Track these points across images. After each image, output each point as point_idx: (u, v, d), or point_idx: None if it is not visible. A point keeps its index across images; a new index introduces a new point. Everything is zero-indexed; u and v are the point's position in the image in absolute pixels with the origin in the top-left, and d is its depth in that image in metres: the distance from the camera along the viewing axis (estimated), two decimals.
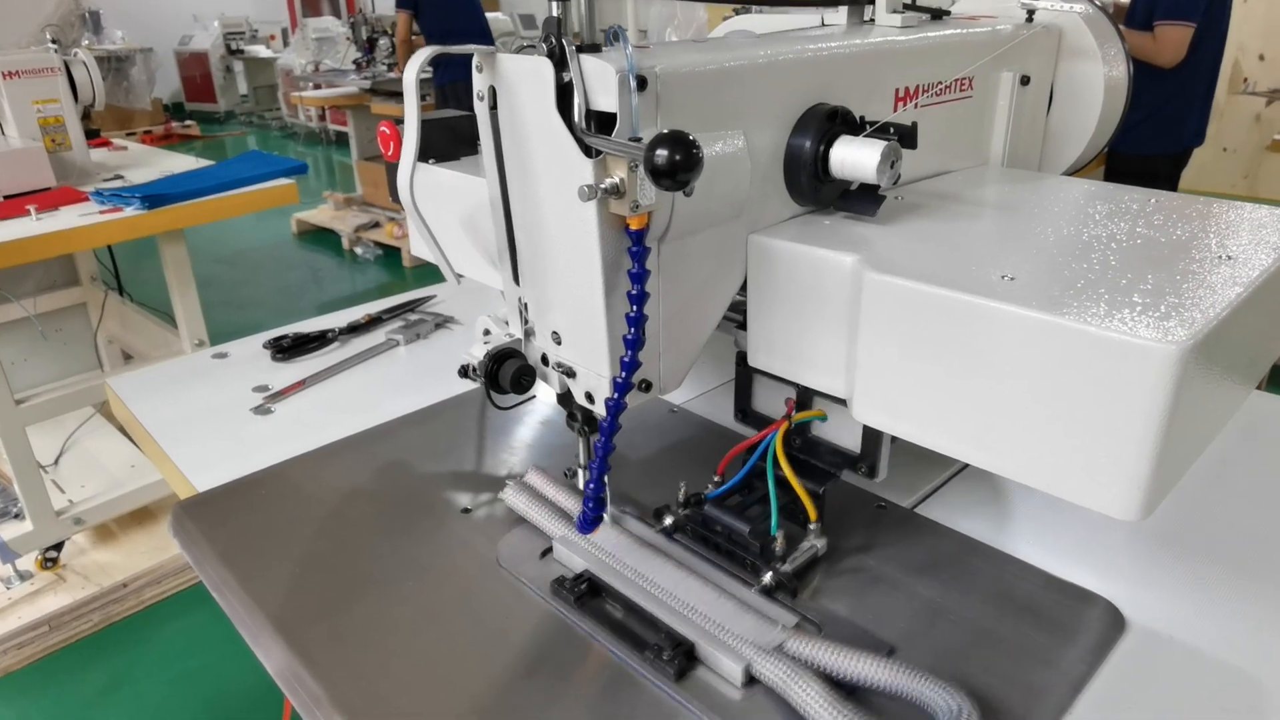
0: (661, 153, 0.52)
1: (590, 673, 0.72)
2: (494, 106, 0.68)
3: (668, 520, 0.85)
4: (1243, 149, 4.32)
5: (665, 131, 0.53)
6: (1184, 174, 3.00)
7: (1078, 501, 0.59)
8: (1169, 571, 0.81)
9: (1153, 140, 2.79)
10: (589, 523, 0.70)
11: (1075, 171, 1.12)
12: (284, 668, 0.74)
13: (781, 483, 0.81)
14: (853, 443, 0.85)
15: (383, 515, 0.92)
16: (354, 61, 5.91)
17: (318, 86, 6.23)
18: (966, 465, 0.98)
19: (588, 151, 0.61)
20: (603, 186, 0.59)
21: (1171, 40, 2.60)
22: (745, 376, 0.92)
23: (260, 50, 9.82)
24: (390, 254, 5.17)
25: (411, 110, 0.68)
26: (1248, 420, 1.04)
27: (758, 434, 0.84)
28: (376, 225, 5.30)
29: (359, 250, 5.22)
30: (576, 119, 0.61)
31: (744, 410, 0.95)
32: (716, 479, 0.86)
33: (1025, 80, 0.97)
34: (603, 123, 0.62)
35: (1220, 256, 0.67)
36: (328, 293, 4.76)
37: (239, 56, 9.85)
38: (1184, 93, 2.78)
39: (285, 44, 9.62)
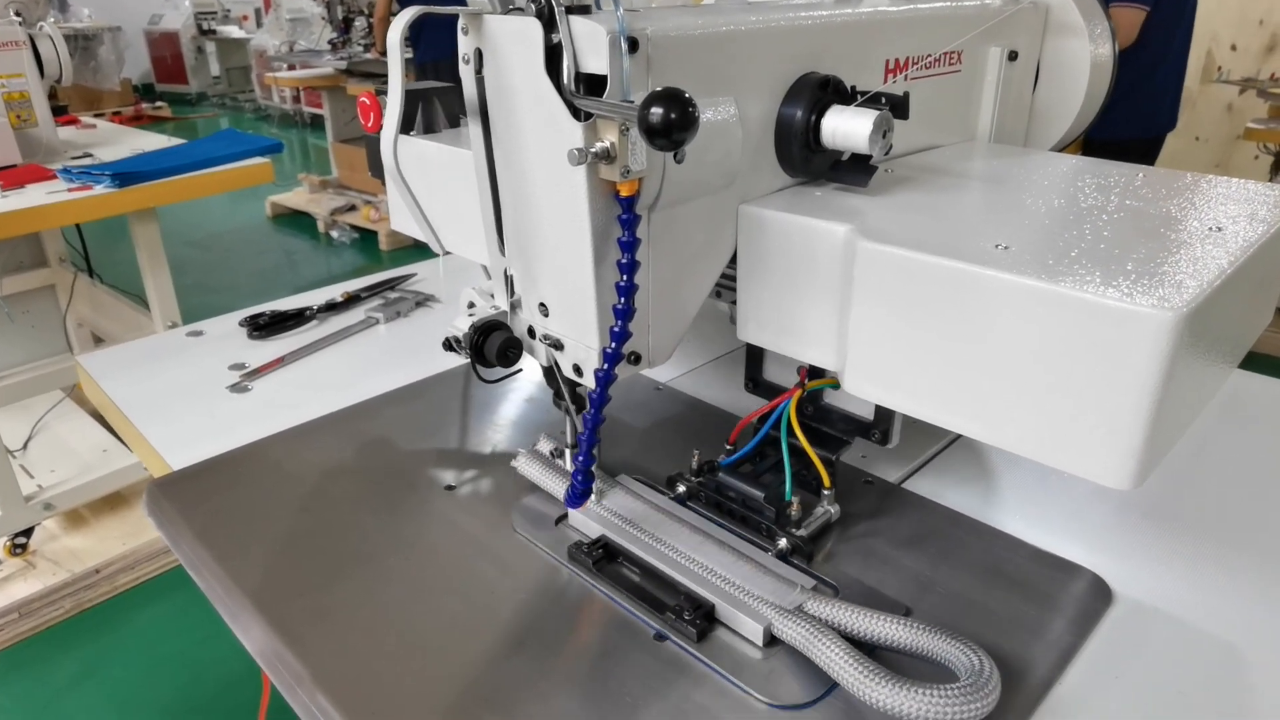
0: (657, 110, 0.51)
1: (599, 638, 0.72)
2: (479, 70, 0.67)
3: (681, 488, 0.86)
4: (1214, 138, 4.37)
5: (660, 89, 0.52)
6: (1156, 162, 3.03)
7: (1071, 471, 0.59)
8: (1154, 545, 0.82)
9: (1127, 124, 2.81)
10: (578, 496, 0.69)
11: (1058, 151, 1.12)
12: (264, 647, 0.72)
13: (794, 450, 0.82)
14: (865, 410, 0.86)
15: (365, 492, 0.90)
16: (329, 42, 5.82)
17: (292, 67, 6.13)
18: (953, 441, 0.98)
19: (577, 115, 0.60)
20: (593, 151, 0.58)
21: (1124, 22, 2.62)
22: (757, 345, 0.92)
23: (233, 30, 9.64)
24: (366, 237, 5.11)
25: (396, 75, 0.67)
26: (1230, 397, 1.05)
27: (769, 402, 0.85)
28: (353, 208, 5.23)
29: (335, 233, 5.16)
30: (566, 81, 0.60)
31: (755, 379, 0.95)
32: (729, 447, 0.87)
33: (1013, 56, 0.96)
34: (592, 86, 0.61)
35: (1210, 228, 0.67)
36: (303, 276, 4.70)
37: (211, 37, 9.66)
38: (1157, 77, 2.81)
39: (258, 24, 9.45)
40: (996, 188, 0.79)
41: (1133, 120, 2.83)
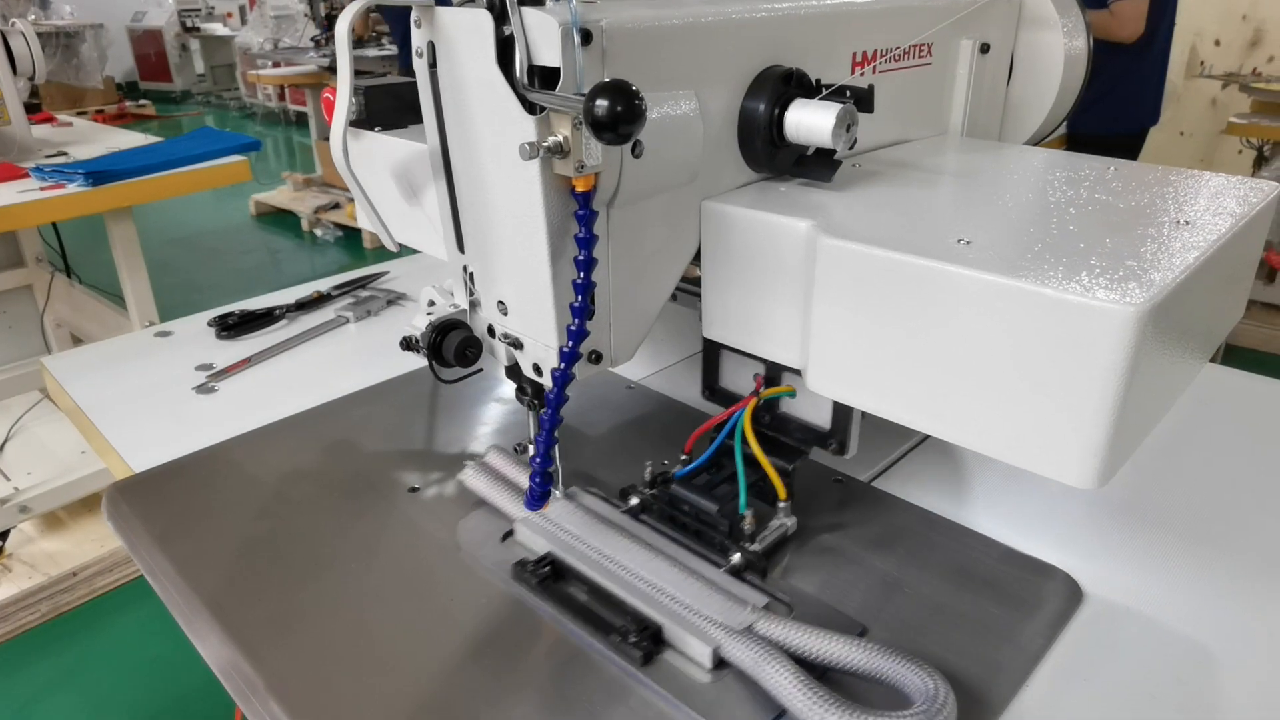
0: (602, 103, 0.49)
1: (550, 656, 0.69)
2: (433, 64, 0.65)
3: (634, 500, 0.83)
4: (1199, 133, 4.38)
5: (606, 80, 0.50)
6: (1141, 157, 3.03)
7: (1035, 470, 0.58)
8: (1126, 543, 0.81)
9: (1110, 120, 2.81)
10: (537, 498, 0.68)
11: (1035, 145, 1.11)
12: (219, 654, 0.71)
13: (750, 460, 0.78)
14: (822, 419, 0.83)
15: (328, 495, 0.88)
16: (312, 39, 5.78)
17: (276, 65, 6.09)
18: (924, 439, 0.97)
19: (530, 109, 0.58)
20: (545, 145, 0.57)
21: (1130, 14, 2.61)
22: (713, 352, 0.89)
23: (217, 28, 9.56)
24: (351, 235, 5.08)
25: (344, 67, 0.65)
26: (1202, 393, 1.04)
27: (725, 411, 0.82)
28: (336, 206, 5.20)
29: (319, 232, 5.12)
30: (518, 74, 0.58)
31: (711, 387, 0.92)
32: (684, 457, 0.83)
33: (985, 48, 0.95)
34: (546, 80, 0.59)
35: (1178, 222, 0.66)
36: (287, 275, 4.67)
37: (195, 34, 9.58)
38: (1140, 71, 2.80)
39: (243, 22, 9.38)
40: (964, 182, 0.78)
41: (1117, 115, 2.82)
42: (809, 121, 0.69)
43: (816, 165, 0.73)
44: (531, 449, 0.83)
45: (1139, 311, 0.51)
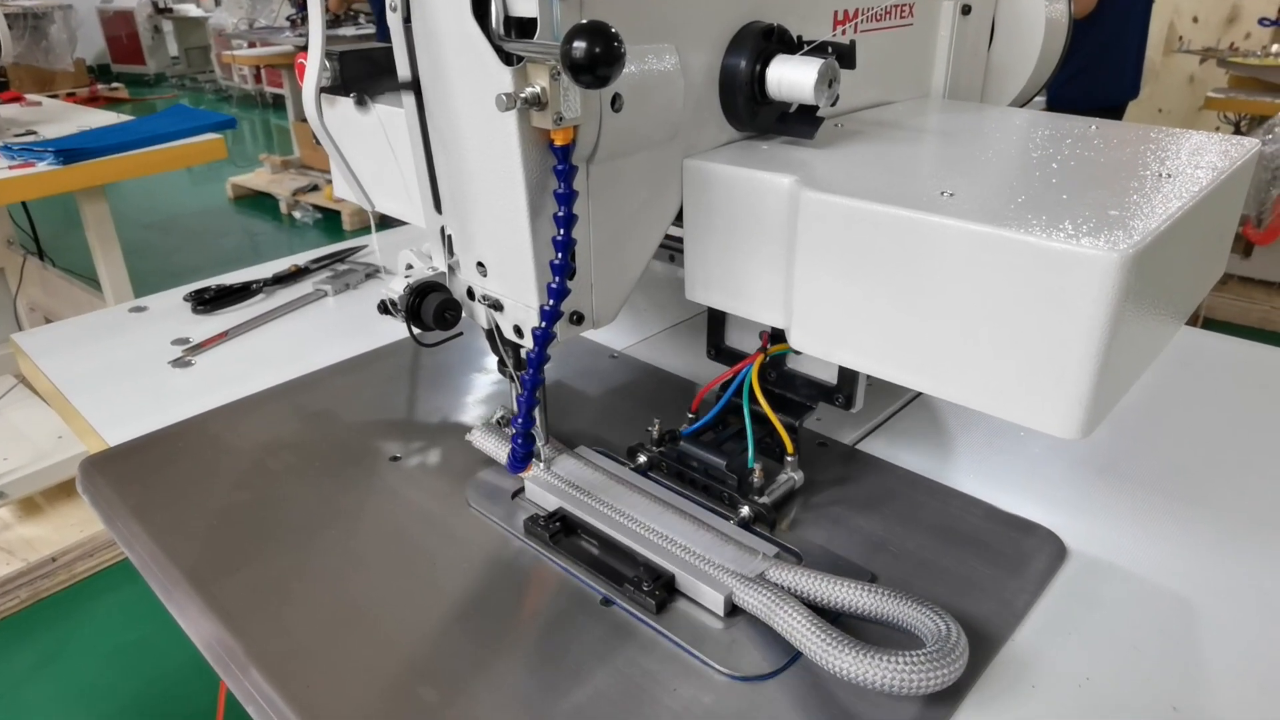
0: (579, 44, 0.48)
1: (553, 610, 0.70)
2: (408, 19, 0.64)
3: (642, 458, 0.84)
4: (1177, 109, 4.40)
5: (584, 22, 0.49)
6: None
7: (1019, 421, 0.58)
8: (1109, 501, 0.81)
9: (1090, 93, 2.82)
10: (519, 460, 0.67)
11: None
12: (199, 624, 0.70)
13: (757, 417, 0.80)
14: (829, 375, 0.84)
15: (307, 464, 0.87)
16: (288, 19, 5.69)
17: (252, 45, 5.99)
18: (907, 403, 0.97)
19: (507, 59, 0.57)
20: (522, 96, 0.56)
21: None
22: (718, 311, 0.89)
23: (190, 9, 9.39)
24: (330, 217, 5.02)
25: (316, 24, 0.64)
26: (1183, 356, 1.05)
27: (731, 369, 0.83)
28: (315, 188, 5.14)
29: (297, 214, 5.06)
30: (494, 25, 0.57)
31: (717, 346, 0.93)
32: (691, 415, 0.85)
33: (966, 10, 0.94)
34: (523, 32, 0.58)
35: (1160, 175, 0.66)
36: (265, 258, 4.58)
37: (168, 15, 9.41)
38: (1120, 45, 2.81)
39: (216, 2, 9.22)
40: (947, 140, 0.78)
41: (1096, 88, 2.83)
42: (791, 77, 0.68)
43: (799, 122, 0.73)
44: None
45: (1123, 257, 0.51)
